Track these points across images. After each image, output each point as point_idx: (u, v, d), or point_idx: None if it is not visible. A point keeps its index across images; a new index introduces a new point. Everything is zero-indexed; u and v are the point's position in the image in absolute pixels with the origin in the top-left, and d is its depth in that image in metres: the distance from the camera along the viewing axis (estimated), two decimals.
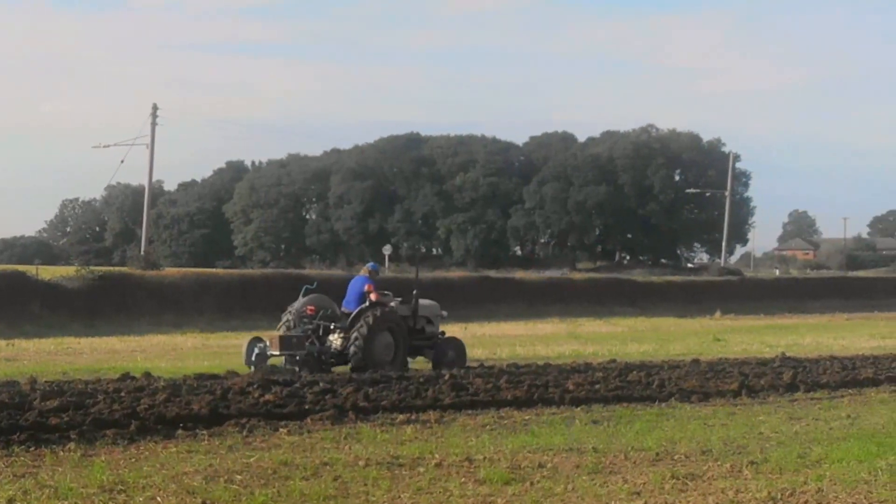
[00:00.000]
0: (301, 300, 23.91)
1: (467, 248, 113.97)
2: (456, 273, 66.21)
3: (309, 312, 23.47)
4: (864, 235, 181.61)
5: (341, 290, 24.70)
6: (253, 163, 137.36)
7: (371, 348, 22.68)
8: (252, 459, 12.50)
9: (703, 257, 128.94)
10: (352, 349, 22.67)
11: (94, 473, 11.47)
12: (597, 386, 20.00)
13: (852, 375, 23.00)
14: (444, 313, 25.54)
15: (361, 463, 12.42)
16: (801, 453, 13.55)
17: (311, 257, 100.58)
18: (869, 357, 27.78)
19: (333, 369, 22.82)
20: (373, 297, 23.42)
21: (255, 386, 17.56)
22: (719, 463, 12.89)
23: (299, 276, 54.50)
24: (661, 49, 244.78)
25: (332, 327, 23.38)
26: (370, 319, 22.80)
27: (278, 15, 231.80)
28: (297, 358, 22.38)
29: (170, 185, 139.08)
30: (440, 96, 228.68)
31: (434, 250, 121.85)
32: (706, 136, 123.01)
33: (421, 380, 19.72)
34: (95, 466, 11.85)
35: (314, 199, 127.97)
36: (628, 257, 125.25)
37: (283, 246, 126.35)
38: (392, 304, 23.98)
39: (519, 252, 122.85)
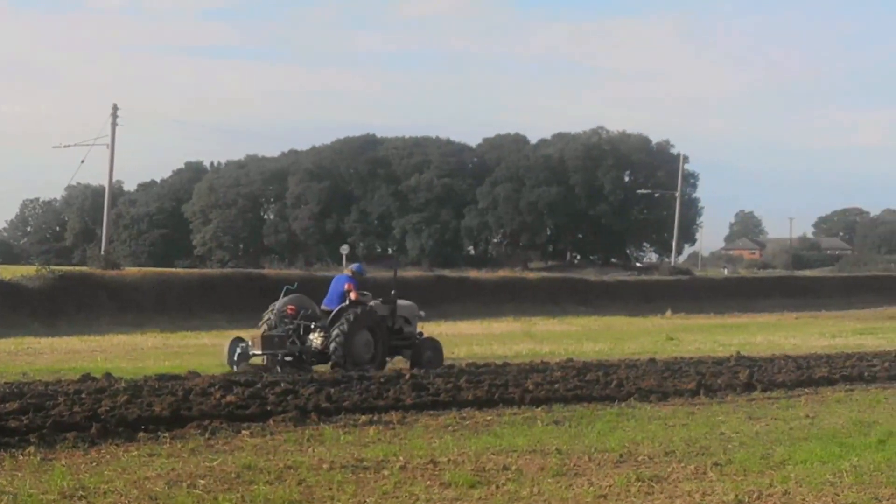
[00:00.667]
0: (282, 300, 23.52)
1: (422, 247, 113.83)
2: (411, 272, 65.61)
3: (290, 312, 23.15)
4: (809, 235, 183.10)
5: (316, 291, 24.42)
6: (212, 163, 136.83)
7: (351, 347, 22.44)
8: (215, 463, 12.06)
9: (652, 257, 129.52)
10: (332, 347, 22.38)
11: (54, 479, 10.99)
12: (556, 385, 19.67)
13: (807, 375, 22.79)
14: (422, 313, 25.40)
15: (325, 466, 12.01)
16: (763, 454, 13.27)
17: (270, 257, 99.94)
18: (822, 356, 27.59)
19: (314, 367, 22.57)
20: (352, 296, 23.15)
21: (216, 387, 17.09)
22: (683, 464, 12.58)
23: (259, 276, 54.03)
24: (612, 52, 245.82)
25: (312, 326, 23.09)
26: (350, 318, 22.55)
27: (236, 17, 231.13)
28: (279, 357, 22.15)
29: (130, 186, 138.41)
30: (395, 98, 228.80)
31: (389, 250, 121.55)
32: (655, 138, 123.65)
33: (382, 380, 19.31)
34: (55, 471, 11.37)
35: (272, 200, 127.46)
36: (579, 257, 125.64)
37: (241, 245, 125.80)
38: (371, 303, 23.68)
39: (472, 252, 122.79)
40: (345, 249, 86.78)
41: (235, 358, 22.44)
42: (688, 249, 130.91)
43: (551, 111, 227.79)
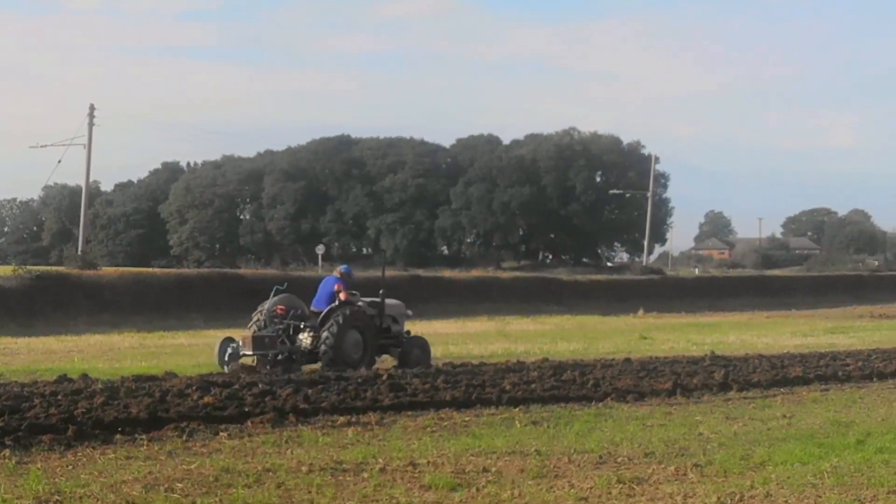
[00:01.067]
0: (271, 300, 23.26)
1: (396, 247, 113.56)
2: (387, 272, 65.37)
3: (279, 312, 22.99)
4: (778, 235, 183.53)
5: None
6: (188, 164, 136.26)
7: (340, 347, 22.35)
8: (193, 466, 11.78)
9: (623, 256, 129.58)
10: (322, 348, 22.30)
11: (29, 483, 10.68)
12: (532, 385, 19.43)
13: (782, 374, 22.61)
14: (410, 312, 25.39)
15: (304, 469, 11.76)
16: (743, 455, 13.08)
17: (246, 257, 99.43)
18: (796, 356, 27.40)
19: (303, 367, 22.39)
20: (342, 296, 23.03)
21: (193, 388, 16.77)
22: (663, 466, 12.39)
23: (235, 276, 53.68)
24: (583, 54, 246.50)
25: (301, 326, 22.92)
26: (340, 318, 22.47)
27: (213, 19, 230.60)
28: (269, 357, 21.95)
29: (106, 186, 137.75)
30: (370, 99, 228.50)
31: (364, 250, 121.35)
32: (626, 139, 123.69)
33: (359, 380, 19.00)
34: (31, 475, 11.04)
35: (248, 200, 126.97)
36: (551, 256, 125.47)
37: (217, 245, 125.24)
38: (360, 303, 23.55)
39: (446, 251, 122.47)
40: (320, 249, 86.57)
41: (226, 358, 22.22)
42: (658, 249, 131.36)
43: (524, 112, 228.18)
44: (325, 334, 22.33)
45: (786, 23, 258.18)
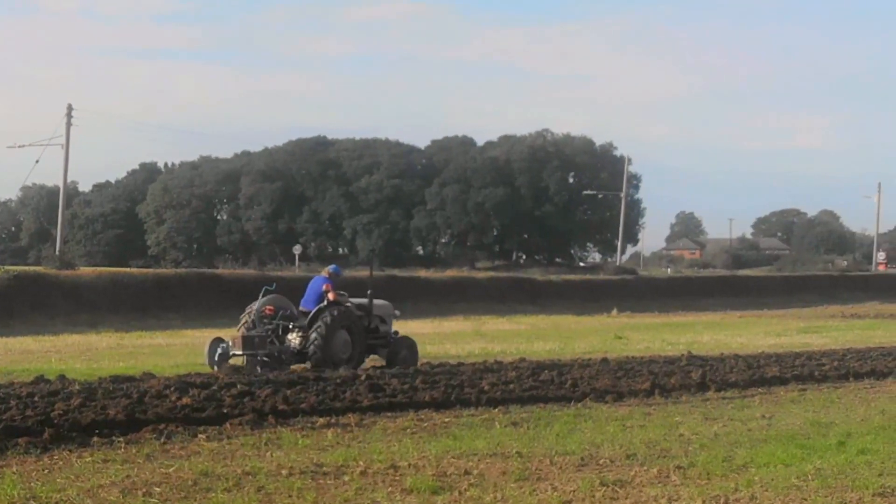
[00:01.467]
0: (260, 300, 22.98)
1: (372, 247, 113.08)
2: (363, 272, 64.92)
3: (268, 312, 22.74)
4: (748, 236, 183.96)
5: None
6: (166, 164, 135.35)
7: (329, 347, 22.16)
8: (171, 469, 11.44)
9: (595, 257, 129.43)
10: (311, 348, 22.12)
11: (4, 488, 10.34)
12: (511, 386, 19.20)
13: (759, 374, 22.42)
14: (398, 312, 25.31)
15: (284, 472, 11.44)
16: (725, 457, 12.86)
17: (223, 257, 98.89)
18: (771, 355, 27.24)
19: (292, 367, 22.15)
20: (331, 296, 22.80)
21: (171, 389, 16.44)
22: (646, 468, 12.14)
23: (213, 276, 53.23)
24: (556, 56, 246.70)
25: (290, 326, 22.71)
26: (328, 318, 22.27)
27: (190, 21, 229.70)
28: (259, 357, 21.67)
29: (84, 186, 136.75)
30: (345, 101, 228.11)
31: (341, 250, 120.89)
32: (599, 141, 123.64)
33: (338, 381, 18.72)
34: (6, 479, 10.70)
35: (225, 200, 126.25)
36: (525, 256, 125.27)
37: (195, 245, 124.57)
38: (348, 303, 23.32)
39: (421, 252, 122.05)
40: (297, 249, 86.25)
41: (216, 358, 21.97)
42: (630, 249, 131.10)
43: (497, 114, 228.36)
44: (313, 334, 22.13)
45: (756, 26, 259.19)
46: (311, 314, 22.63)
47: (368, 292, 24.01)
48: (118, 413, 14.17)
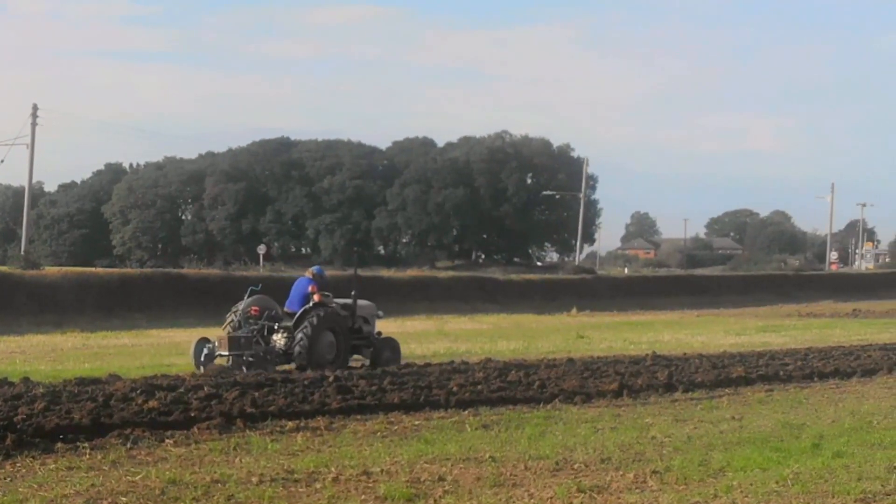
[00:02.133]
0: (245, 301, 22.55)
1: (335, 247, 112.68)
2: (327, 272, 64.22)
3: (253, 313, 22.29)
4: (702, 236, 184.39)
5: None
6: (131, 165, 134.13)
7: (315, 348, 21.78)
8: (138, 478, 10.82)
9: (553, 256, 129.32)
10: (297, 349, 21.72)
11: None
12: (479, 387, 18.69)
13: (725, 374, 21.94)
14: (381, 313, 25.03)
15: (254, 479, 10.88)
16: (701, 461, 12.42)
17: (188, 256, 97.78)
18: (735, 355, 26.79)
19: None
20: (316, 297, 22.40)
21: (138, 391, 15.82)
22: (622, 472, 11.68)
23: (178, 276, 52.32)
24: (514, 59, 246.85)
25: (276, 327, 22.30)
26: (314, 320, 21.88)
27: (157, 23, 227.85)
28: (245, 357, 21.24)
29: (50, 186, 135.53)
30: (309, 103, 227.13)
31: (304, 249, 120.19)
32: (556, 142, 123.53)
33: (306, 382, 18.16)
34: None
35: (190, 200, 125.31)
36: (483, 256, 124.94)
37: (160, 245, 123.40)
38: (333, 304, 22.89)
39: (382, 251, 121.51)
40: (261, 249, 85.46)
41: (202, 359, 21.50)
42: (587, 249, 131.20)
43: (457, 116, 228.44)
44: (299, 335, 21.74)
45: (709, 30, 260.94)
46: (297, 315, 22.18)
47: (352, 293, 23.50)
48: (83, 417, 13.54)
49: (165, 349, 27.28)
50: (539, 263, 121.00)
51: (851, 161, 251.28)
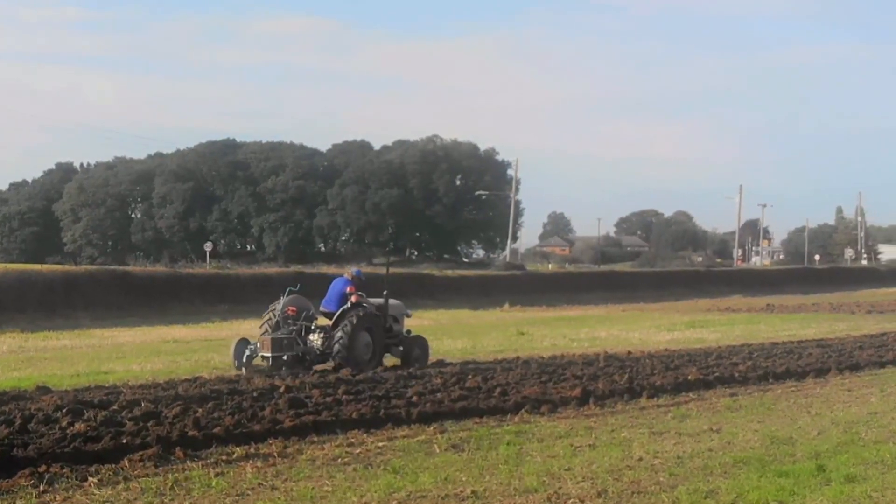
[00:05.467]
0: (282, 301, 20.88)
1: (278, 244, 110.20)
2: (273, 269, 61.09)
3: (290, 313, 20.73)
4: (612, 234, 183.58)
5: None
6: (81, 164, 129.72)
7: (353, 348, 20.32)
8: None
9: (479, 253, 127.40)
10: (336, 348, 20.24)
11: None
12: (439, 395, 16.03)
13: (682, 377, 19.36)
14: (409, 312, 23.54)
15: None
16: (707, 492, 10.02)
17: (135, 254, 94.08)
18: (684, 354, 24.26)
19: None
20: (354, 298, 21.02)
21: (63, 410, 12.80)
22: None
23: (123, 273, 48.46)
24: (442, 68, 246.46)
25: (313, 327, 20.80)
26: (353, 320, 20.49)
27: (106, 29, 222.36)
28: (285, 358, 19.80)
29: (1, 185, 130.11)
30: (252, 106, 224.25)
31: (248, 247, 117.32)
32: (483, 146, 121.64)
33: (255, 394, 15.29)
34: None
35: (139, 199, 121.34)
36: (416, 253, 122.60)
37: (110, 243, 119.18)
38: (370, 305, 21.38)
39: (323, 248, 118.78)
40: (208, 246, 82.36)
41: (244, 360, 19.96)
42: (510, 246, 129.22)
43: (391, 121, 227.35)
44: (338, 335, 20.30)
45: (616, 45, 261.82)
46: (336, 315, 20.77)
47: (384, 293, 22.00)
48: None
49: (106, 352, 24.09)
50: (466, 260, 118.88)
51: (745, 166, 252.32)
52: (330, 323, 20.90)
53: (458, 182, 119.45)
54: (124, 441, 11.28)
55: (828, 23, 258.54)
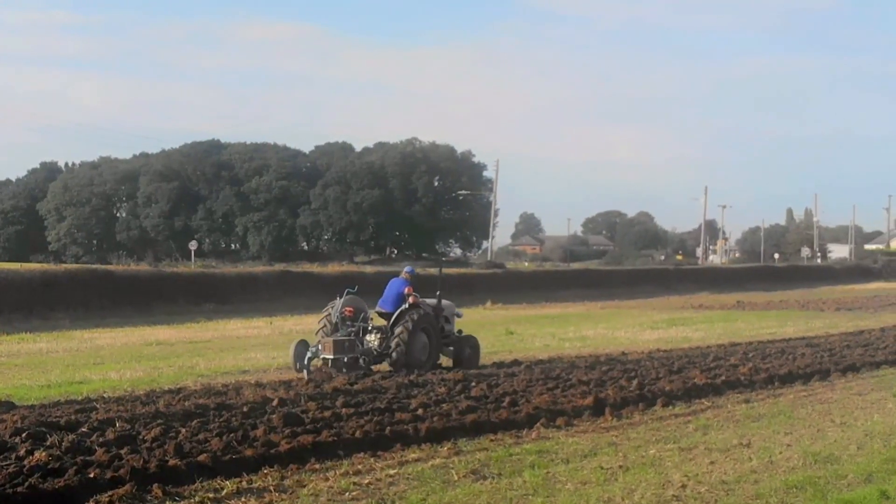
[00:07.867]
0: (339, 301, 19.99)
1: (262, 243, 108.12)
2: (259, 268, 58.72)
3: (348, 314, 19.83)
4: (579, 234, 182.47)
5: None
6: (66, 164, 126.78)
7: (411, 349, 19.34)
8: None
9: (456, 252, 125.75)
10: (394, 349, 19.28)
11: None
12: (445, 406, 14.11)
13: (691, 382, 17.58)
14: (461, 312, 22.52)
15: None
16: None
17: (119, 253, 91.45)
18: (682, 356, 22.52)
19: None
20: (411, 299, 19.99)
21: (24, 434, 10.59)
22: None
23: (105, 273, 45.72)
24: (420, 75, 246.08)
25: (370, 328, 19.92)
26: (411, 321, 19.50)
27: (92, 32, 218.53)
28: (345, 360, 18.81)
29: None
30: (237, 109, 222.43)
31: (233, 245, 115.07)
32: (459, 149, 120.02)
33: (245, 409, 13.16)
34: None
35: (124, 199, 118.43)
36: (396, 252, 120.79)
37: (95, 242, 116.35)
38: (426, 306, 20.38)
39: (306, 247, 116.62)
40: (193, 245, 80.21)
41: (306, 362, 18.79)
42: (484, 244, 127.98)
43: (372, 124, 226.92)
44: (397, 336, 19.32)
45: (583, 55, 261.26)
46: (395, 316, 19.76)
47: (437, 293, 21.03)
48: None
49: (83, 357, 21.76)
50: (444, 259, 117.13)
51: (704, 169, 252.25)
52: (385, 323, 19.87)
53: (436, 183, 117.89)
54: (91, 475, 9.08)
55: (783, 35, 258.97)
